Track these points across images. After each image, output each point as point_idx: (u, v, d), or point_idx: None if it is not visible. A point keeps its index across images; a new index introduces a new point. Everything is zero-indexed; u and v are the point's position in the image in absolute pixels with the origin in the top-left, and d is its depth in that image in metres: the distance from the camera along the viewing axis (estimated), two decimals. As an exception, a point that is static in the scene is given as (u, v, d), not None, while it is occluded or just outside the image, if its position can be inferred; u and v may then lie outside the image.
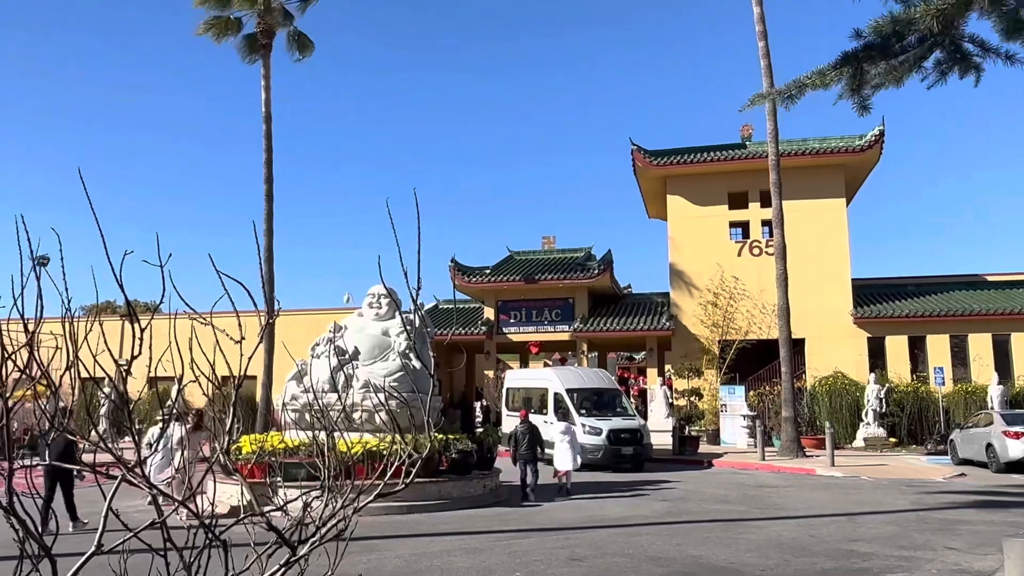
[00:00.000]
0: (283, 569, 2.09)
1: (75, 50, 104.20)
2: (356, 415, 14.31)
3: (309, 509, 2.21)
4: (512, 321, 33.92)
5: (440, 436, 14.25)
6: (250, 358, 2.13)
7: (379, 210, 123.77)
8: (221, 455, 2.14)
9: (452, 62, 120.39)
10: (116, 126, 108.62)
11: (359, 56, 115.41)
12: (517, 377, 26.86)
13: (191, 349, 2.15)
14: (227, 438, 2.11)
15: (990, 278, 32.50)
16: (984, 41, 11.23)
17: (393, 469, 2.34)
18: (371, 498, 2.20)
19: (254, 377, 23.39)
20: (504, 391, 26.21)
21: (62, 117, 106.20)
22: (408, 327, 15.10)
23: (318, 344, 16.11)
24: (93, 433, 11.84)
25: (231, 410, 2.13)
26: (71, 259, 2.31)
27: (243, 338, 2.10)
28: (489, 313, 34.19)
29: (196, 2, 25.52)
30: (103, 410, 24.54)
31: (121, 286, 1.99)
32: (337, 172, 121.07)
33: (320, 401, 12.80)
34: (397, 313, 16.58)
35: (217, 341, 2.06)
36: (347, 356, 15.22)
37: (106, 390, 22.45)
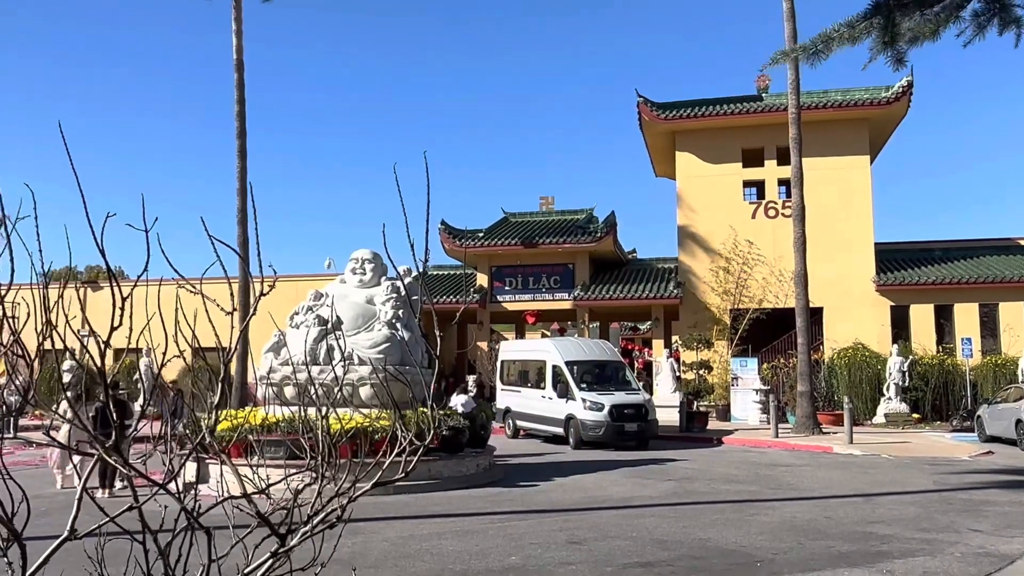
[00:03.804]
0: (272, 560, 2.12)
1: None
2: (338, 389, 14.39)
3: (297, 495, 2.24)
4: (507, 288, 33.95)
5: (428, 411, 14.36)
6: (243, 330, 2.15)
7: (363, 174, 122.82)
8: (207, 434, 2.16)
9: (433, 7, 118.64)
10: (66, 82, 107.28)
11: (339, 11, 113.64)
12: (513, 349, 26.99)
13: (176, 320, 2.17)
14: (214, 415, 2.14)
15: (1023, 242, 32.60)
16: None
17: (393, 455, 2.36)
18: (368, 487, 2.23)
19: (225, 348, 23.53)
20: (499, 364, 26.35)
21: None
22: (396, 294, 15.14)
23: (297, 313, 16.14)
24: (64, 407, 11.95)
25: (218, 386, 2.15)
26: (25, 223, 2.31)
27: (235, 309, 2.11)
28: (482, 280, 34.22)
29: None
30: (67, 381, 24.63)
31: (102, 252, 1.99)
32: (318, 134, 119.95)
33: (299, 375, 12.88)
34: (382, 279, 16.61)
35: (207, 310, 2.08)
36: (329, 326, 15.25)
37: (68, 364, 22.53)
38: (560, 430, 21.88)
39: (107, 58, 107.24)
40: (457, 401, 17.30)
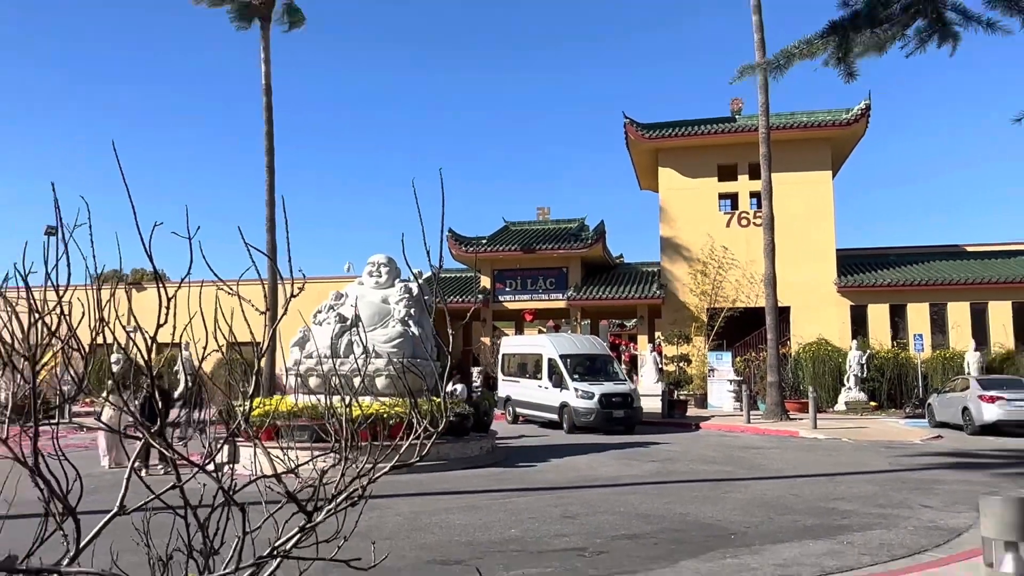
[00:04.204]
0: (300, 534, 2.13)
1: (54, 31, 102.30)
2: (357, 380, 14.39)
3: (323, 475, 2.24)
4: (508, 290, 33.97)
5: (438, 399, 14.36)
6: (274, 327, 2.15)
7: (376, 185, 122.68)
8: (242, 421, 2.16)
9: (443, 37, 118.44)
10: (108, 101, 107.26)
11: (348, 29, 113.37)
12: (513, 344, 26.98)
13: (216, 318, 2.17)
14: (248, 404, 2.13)
15: (970, 248, 32.64)
16: (966, 9, 11.14)
17: (409, 438, 2.37)
18: (387, 469, 2.23)
19: (259, 343, 23.57)
20: (500, 357, 26.35)
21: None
22: (409, 294, 15.10)
23: (320, 311, 16.16)
24: (112, 396, 11.97)
25: (252, 378, 2.15)
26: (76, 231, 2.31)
27: (268, 309, 2.11)
28: (485, 282, 34.24)
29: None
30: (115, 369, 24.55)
31: (150, 257, 2.00)
32: (332, 145, 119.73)
33: (323, 366, 12.88)
34: (396, 281, 16.63)
35: (242, 310, 2.08)
36: (348, 323, 15.25)
37: (115, 356, 22.52)
38: (555, 416, 21.86)
39: (148, 78, 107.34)
40: (454, 389, 17.42)
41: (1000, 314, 28.85)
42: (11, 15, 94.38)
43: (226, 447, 2.37)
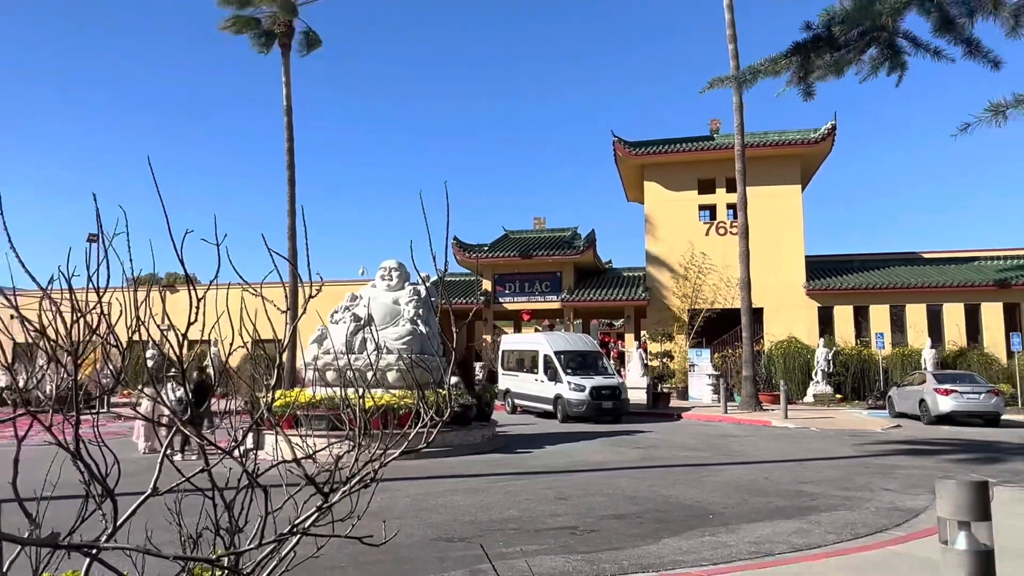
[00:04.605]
0: (317, 513, 2.13)
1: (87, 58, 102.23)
2: (370, 374, 14.38)
3: (339, 460, 2.24)
4: (507, 292, 33.96)
5: (444, 391, 14.35)
6: (294, 325, 2.15)
7: (388, 196, 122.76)
8: (265, 411, 2.16)
9: (449, 63, 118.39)
10: (138, 115, 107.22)
11: (354, 47, 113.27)
12: (512, 341, 26.98)
13: (241, 317, 2.17)
14: (271, 395, 2.13)
15: (926, 255, 32.64)
16: (916, 37, 11.11)
17: (417, 427, 2.37)
18: (397, 454, 2.23)
19: (280, 340, 23.53)
20: (500, 353, 26.34)
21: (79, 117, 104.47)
22: (417, 296, 15.08)
23: (336, 311, 16.15)
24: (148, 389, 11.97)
25: (275, 371, 2.15)
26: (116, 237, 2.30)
27: (288, 308, 2.11)
28: (487, 285, 34.23)
29: (218, 2, 25.03)
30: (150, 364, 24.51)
31: (182, 262, 2.00)
32: (346, 158, 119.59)
33: (339, 361, 12.87)
34: (406, 284, 16.61)
35: (266, 310, 2.08)
36: (362, 322, 15.24)
37: (150, 352, 22.49)
38: (550, 407, 21.85)
39: (178, 97, 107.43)
40: (457, 381, 17.43)
41: (953, 315, 28.85)
42: (55, 46, 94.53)
43: (250, 435, 2.37)
